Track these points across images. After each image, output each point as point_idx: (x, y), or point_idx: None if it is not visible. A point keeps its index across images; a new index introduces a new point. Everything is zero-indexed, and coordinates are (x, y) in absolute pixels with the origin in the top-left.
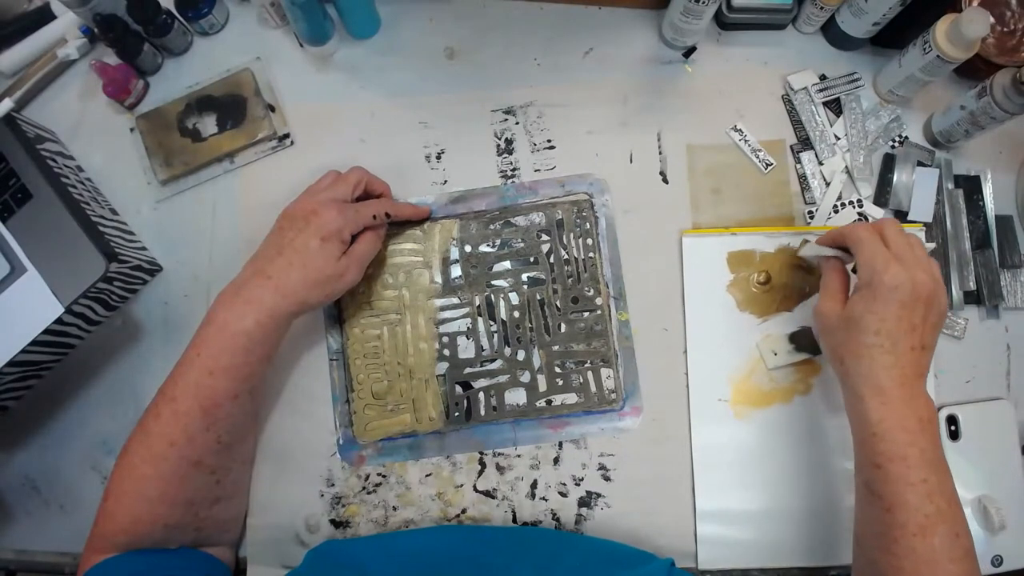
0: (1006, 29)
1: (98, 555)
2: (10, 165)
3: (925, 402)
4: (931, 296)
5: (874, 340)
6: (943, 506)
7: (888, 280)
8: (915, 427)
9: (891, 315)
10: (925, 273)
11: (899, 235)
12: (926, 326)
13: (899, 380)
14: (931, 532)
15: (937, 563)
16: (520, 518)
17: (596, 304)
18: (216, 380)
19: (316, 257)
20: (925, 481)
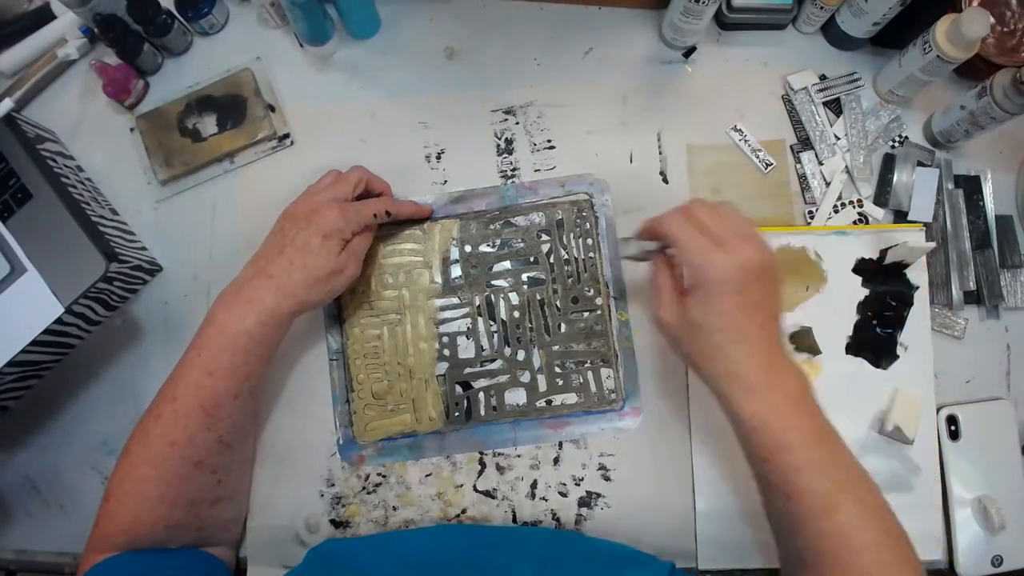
0: (1006, 29)
1: (98, 555)
2: (10, 165)
3: (791, 375)
4: (762, 268)
5: (722, 338)
6: (840, 476)
7: (716, 275)
8: (788, 409)
9: (730, 307)
10: (749, 247)
11: (712, 214)
12: (767, 296)
13: (758, 366)
14: (834, 509)
15: (850, 537)
16: (520, 518)
17: (596, 304)
18: (217, 380)
19: (317, 255)
20: (812, 460)
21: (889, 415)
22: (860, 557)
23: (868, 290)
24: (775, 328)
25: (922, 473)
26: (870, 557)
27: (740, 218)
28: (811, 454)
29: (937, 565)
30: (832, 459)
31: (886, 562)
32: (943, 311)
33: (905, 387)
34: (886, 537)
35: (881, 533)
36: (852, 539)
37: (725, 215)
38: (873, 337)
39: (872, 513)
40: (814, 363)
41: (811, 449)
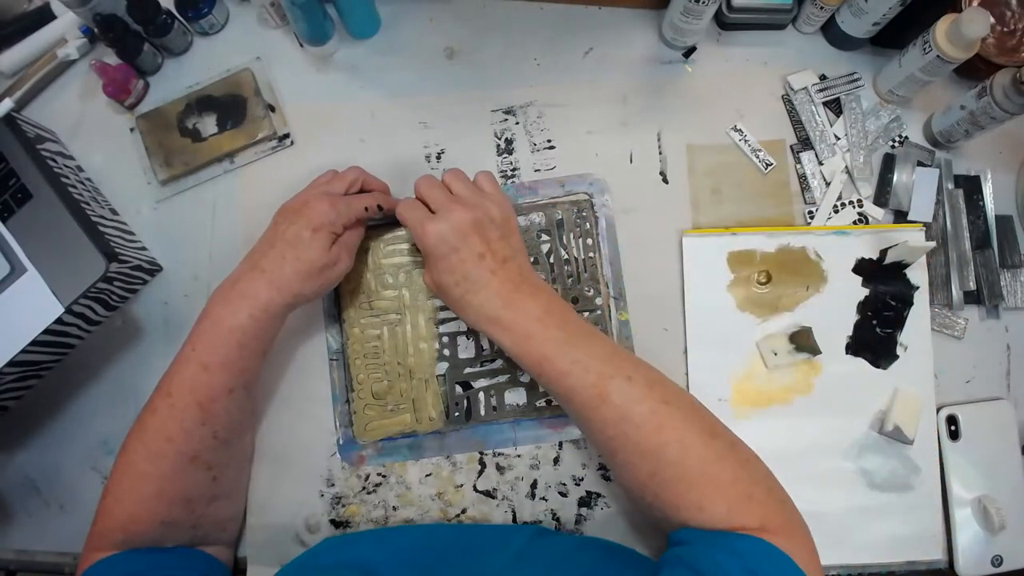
0: (1006, 29)
1: (97, 554)
2: (10, 165)
3: (534, 301)
4: (476, 223)
5: (460, 291)
6: (601, 368)
7: (429, 243)
8: (537, 329)
9: (452, 265)
10: (460, 207)
11: (432, 187)
12: (493, 244)
13: (501, 304)
14: (606, 395)
15: (628, 414)
16: (520, 518)
17: (596, 304)
18: (212, 375)
19: (308, 248)
20: (574, 361)
21: (889, 415)
22: (643, 428)
23: (868, 290)
24: (511, 267)
25: (922, 473)
26: (652, 424)
27: (458, 182)
28: (569, 356)
29: (937, 565)
30: (590, 356)
31: (669, 425)
32: (943, 311)
33: (905, 387)
34: (664, 405)
35: (657, 403)
36: (631, 414)
37: (449, 182)
38: (873, 337)
39: (643, 389)
40: (814, 363)
41: (567, 352)
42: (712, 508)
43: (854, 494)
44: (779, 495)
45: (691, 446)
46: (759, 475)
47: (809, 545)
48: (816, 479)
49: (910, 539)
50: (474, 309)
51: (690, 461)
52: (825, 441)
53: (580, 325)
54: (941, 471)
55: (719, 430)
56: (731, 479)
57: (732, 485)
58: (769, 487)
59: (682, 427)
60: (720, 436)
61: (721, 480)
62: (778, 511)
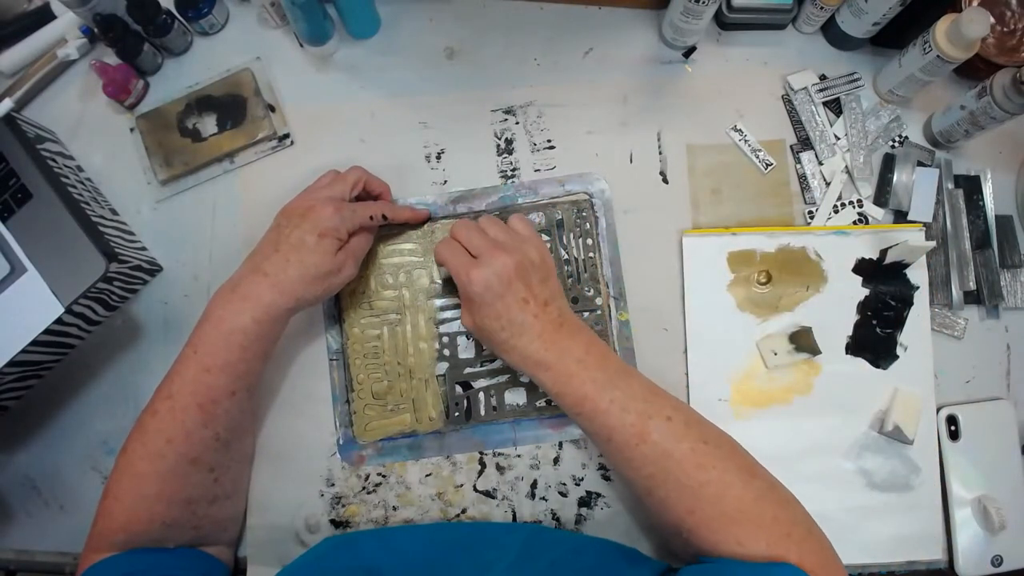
0: (1006, 29)
1: (97, 554)
2: (10, 165)
3: (573, 342)
4: (519, 269)
5: (504, 336)
6: (640, 407)
7: (475, 289)
8: (578, 369)
9: (501, 310)
10: (501, 255)
11: (471, 232)
12: (534, 289)
13: (542, 347)
14: (646, 433)
15: (668, 451)
16: (520, 518)
17: (596, 304)
18: (213, 377)
19: (312, 253)
20: (612, 400)
21: (889, 415)
22: (683, 465)
23: (868, 290)
24: (552, 310)
25: (922, 473)
26: (692, 462)
27: (497, 227)
28: (609, 396)
29: (937, 565)
30: (629, 395)
31: (709, 464)
32: (943, 311)
33: (905, 387)
34: (703, 444)
35: (697, 441)
36: (671, 453)
37: (486, 227)
38: (873, 337)
39: (682, 427)
40: (814, 363)
41: (607, 392)
42: (751, 544)
43: (854, 494)
44: (818, 536)
45: (731, 484)
46: (798, 516)
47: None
48: (816, 479)
49: (910, 539)
50: (519, 352)
51: (730, 499)
52: (825, 441)
53: (620, 365)
54: (941, 471)
55: (759, 470)
56: (771, 518)
57: (772, 524)
58: (808, 527)
59: (722, 465)
60: (760, 476)
61: (761, 519)
62: (817, 550)
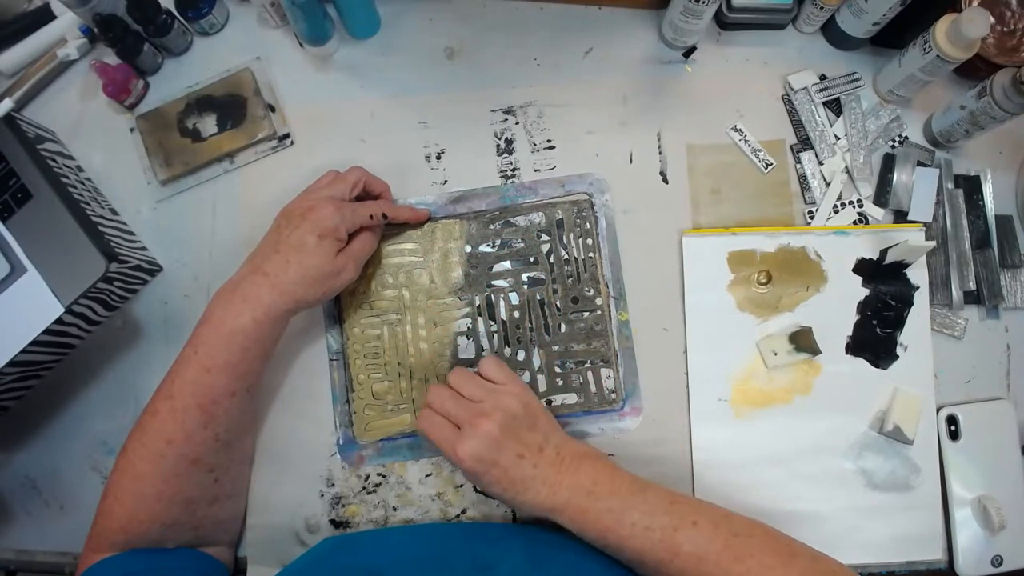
0: (1006, 29)
1: (97, 554)
2: (10, 165)
3: (577, 476)
4: (505, 428)
5: (510, 495)
6: (663, 520)
7: (468, 467)
8: (589, 503)
9: (496, 476)
10: (485, 420)
11: (446, 400)
12: (525, 440)
13: (551, 492)
14: (677, 547)
15: (704, 556)
16: (520, 518)
17: (596, 304)
18: (214, 378)
19: (312, 254)
20: (633, 524)
21: (889, 415)
22: (720, 564)
23: (868, 290)
24: (549, 452)
25: (922, 473)
26: (728, 558)
27: (472, 384)
28: (630, 521)
29: (937, 565)
30: (648, 512)
31: (746, 554)
32: (943, 311)
33: (905, 387)
34: (735, 538)
35: (729, 536)
36: (706, 555)
37: (460, 387)
38: (873, 337)
39: (711, 528)
40: (814, 363)
41: (626, 517)
42: None
43: (854, 494)
44: None
45: (772, 567)
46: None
47: None
48: (816, 479)
49: (910, 539)
50: (528, 505)
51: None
52: (825, 441)
53: (631, 483)
54: (941, 471)
55: (797, 548)
56: None
57: None
58: None
59: (759, 552)
60: (799, 554)
61: None
62: None
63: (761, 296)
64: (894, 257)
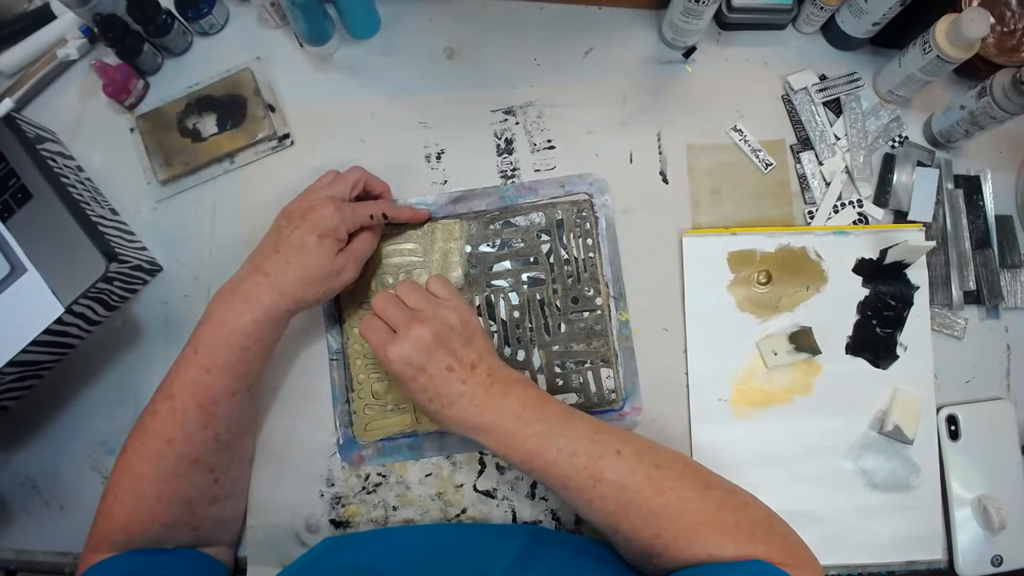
0: (1006, 29)
1: (97, 554)
2: (10, 165)
3: (507, 399)
4: (438, 337)
5: (435, 407)
6: (588, 447)
7: (396, 368)
8: (517, 427)
9: (423, 383)
10: (420, 324)
11: (388, 305)
12: (458, 353)
13: (478, 411)
14: (599, 472)
15: (625, 486)
16: (520, 518)
17: (596, 304)
18: (214, 378)
19: (312, 254)
20: (559, 449)
21: (889, 415)
22: (640, 493)
23: (868, 290)
24: (480, 371)
25: (922, 473)
26: (650, 489)
27: (416, 294)
28: (555, 446)
29: (937, 565)
30: (575, 439)
31: (665, 486)
32: (943, 311)
33: (905, 387)
34: (656, 469)
35: (651, 468)
36: (627, 485)
37: (404, 296)
38: (873, 337)
39: (633, 459)
40: (814, 363)
41: (552, 442)
42: (720, 552)
43: (854, 494)
44: (782, 530)
45: (689, 499)
46: (760, 515)
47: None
48: (816, 479)
49: (910, 539)
50: (452, 421)
51: (691, 514)
52: (825, 441)
53: (559, 410)
54: (941, 471)
55: (714, 480)
56: (734, 524)
57: (736, 529)
58: (771, 524)
59: (678, 484)
60: (716, 486)
61: (724, 525)
62: (783, 544)
63: (761, 296)
64: (894, 257)
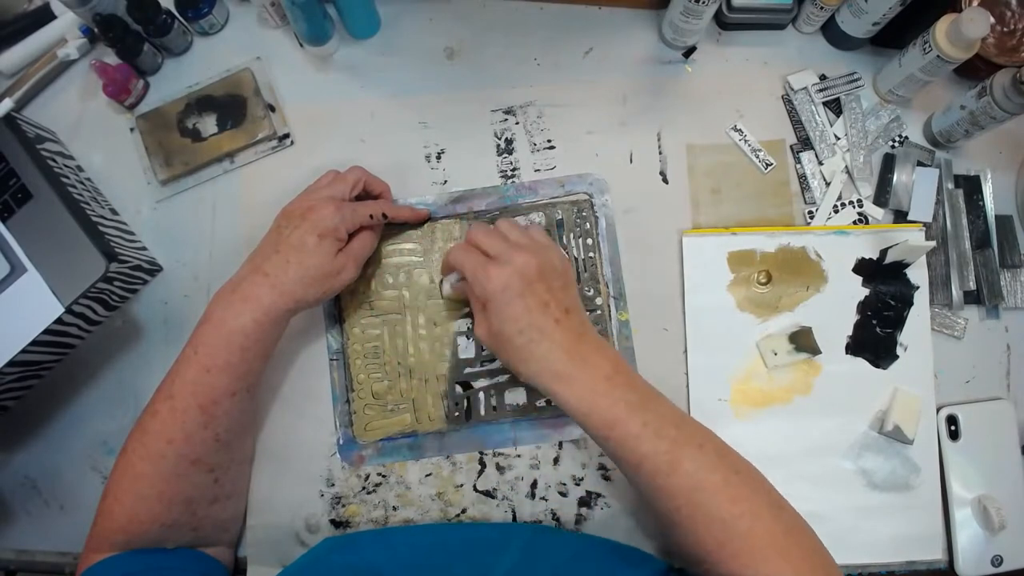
0: (1006, 29)
1: (97, 554)
2: (10, 165)
3: (600, 356)
4: (541, 270)
5: (523, 340)
6: (673, 433)
7: (493, 288)
8: (607, 387)
9: (520, 311)
10: (523, 253)
11: (488, 234)
12: (554, 293)
13: (566, 357)
14: (678, 462)
15: (701, 482)
16: (520, 518)
17: (596, 304)
18: (214, 378)
19: (312, 254)
20: (645, 424)
21: (889, 415)
22: (716, 497)
23: (868, 290)
24: (575, 319)
25: (922, 473)
26: (725, 495)
27: (515, 230)
28: (641, 419)
29: (937, 565)
30: (661, 420)
31: (742, 496)
32: (943, 311)
33: (905, 387)
34: (735, 475)
35: (729, 472)
36: (704, 483)
37: (502, 231)
38: (873, 337)
39: (714, 457)
40: (814, 363)
41: (639, 415)
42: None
43: (854, 494)
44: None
45: (762, 517)
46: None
47: None
48: (816, 479)
49: (910, 539)
50: (536, 360)
51: (760, 533)
52: (825, 441)
53: (647, 386)
54: (941, 471)
55: (784, 503)
56: (799, 554)
57: (801, 559)
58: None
59: (753, 498)
60: (786, 509)
61: (790, 555)
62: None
63: (761, 296)
64: (894, 257)
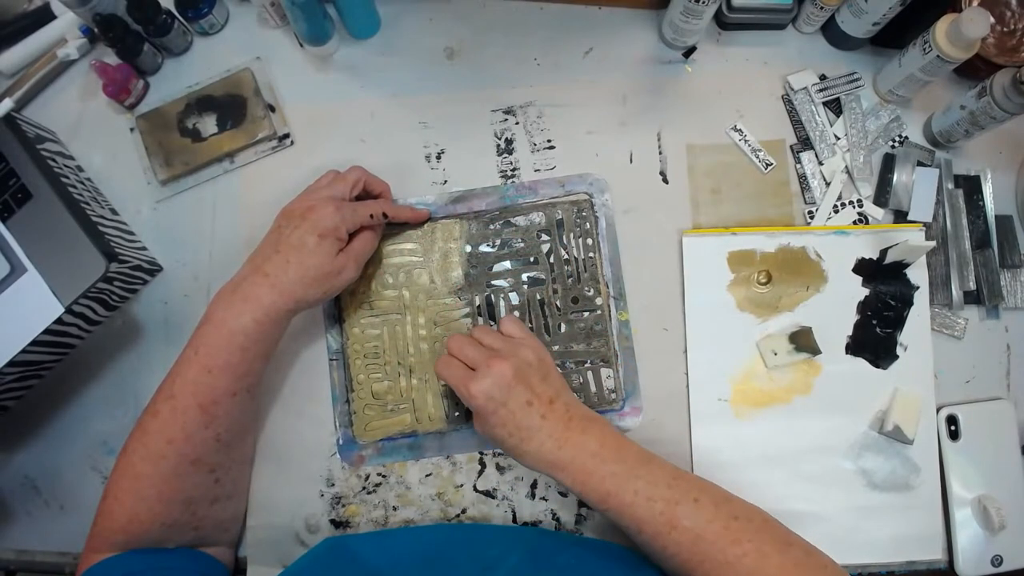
0: (1006, 29)
1: (97, 554)
2: (10, 165)
3: (586, 436)
4: (517, 372)
5: (515, 441)
6: (666, 493)
7: (478, 403)
8: (594, 465)
9: (503, 419)
10: (498, 360)
11: (464, 345)
12: (536, 389)
13: (556, 447)
14: (676, 519)
15: (701, 535)
16: (520, 518)
17: (596, 304)
18: (214, 378)
19: (313, 254)
20: (636, 492)
21: (889, 415)
22: (717, 543)
23: (868, 290)
24: (559, 406)
25: (922, 473)
26: (727, 539)
27: (489, 334)
28: (632, 488)
29: (937, 565)
30: (652, 483)
31: (744, 538)
32: (943, 311)
33: (905, 387)
34: (734, 520)
35: (728, 519)
36: (704, 533)
37: (480, 337)
38: (873, 337)
39: (711, 508)
40: (814, 363)
41: (629, 484)
42: None
43: (854, 494)
44: None
45: (768, 554)
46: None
47: None
48: (816, 479)
49: (910, 539)
50: (531, 456)
51: (769, 570)
52: (825, 441)
53: (638, 452)
54: (941, 471)
55: (793, 539)
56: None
57: None
58: None
59: (757, 537)
60: (795, 544)
61: None
62: None
63: (761, 296)
64: (894, 257)
